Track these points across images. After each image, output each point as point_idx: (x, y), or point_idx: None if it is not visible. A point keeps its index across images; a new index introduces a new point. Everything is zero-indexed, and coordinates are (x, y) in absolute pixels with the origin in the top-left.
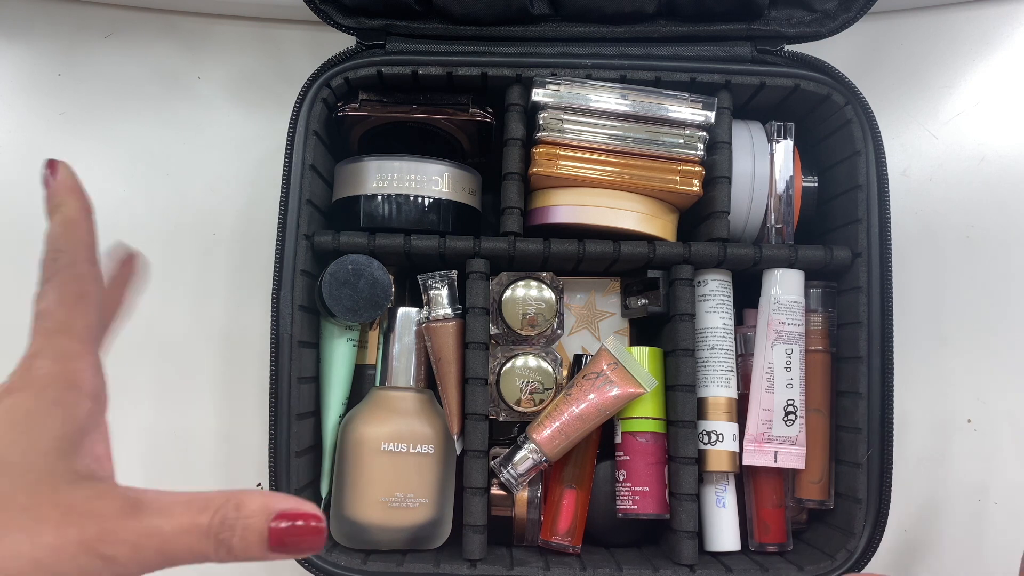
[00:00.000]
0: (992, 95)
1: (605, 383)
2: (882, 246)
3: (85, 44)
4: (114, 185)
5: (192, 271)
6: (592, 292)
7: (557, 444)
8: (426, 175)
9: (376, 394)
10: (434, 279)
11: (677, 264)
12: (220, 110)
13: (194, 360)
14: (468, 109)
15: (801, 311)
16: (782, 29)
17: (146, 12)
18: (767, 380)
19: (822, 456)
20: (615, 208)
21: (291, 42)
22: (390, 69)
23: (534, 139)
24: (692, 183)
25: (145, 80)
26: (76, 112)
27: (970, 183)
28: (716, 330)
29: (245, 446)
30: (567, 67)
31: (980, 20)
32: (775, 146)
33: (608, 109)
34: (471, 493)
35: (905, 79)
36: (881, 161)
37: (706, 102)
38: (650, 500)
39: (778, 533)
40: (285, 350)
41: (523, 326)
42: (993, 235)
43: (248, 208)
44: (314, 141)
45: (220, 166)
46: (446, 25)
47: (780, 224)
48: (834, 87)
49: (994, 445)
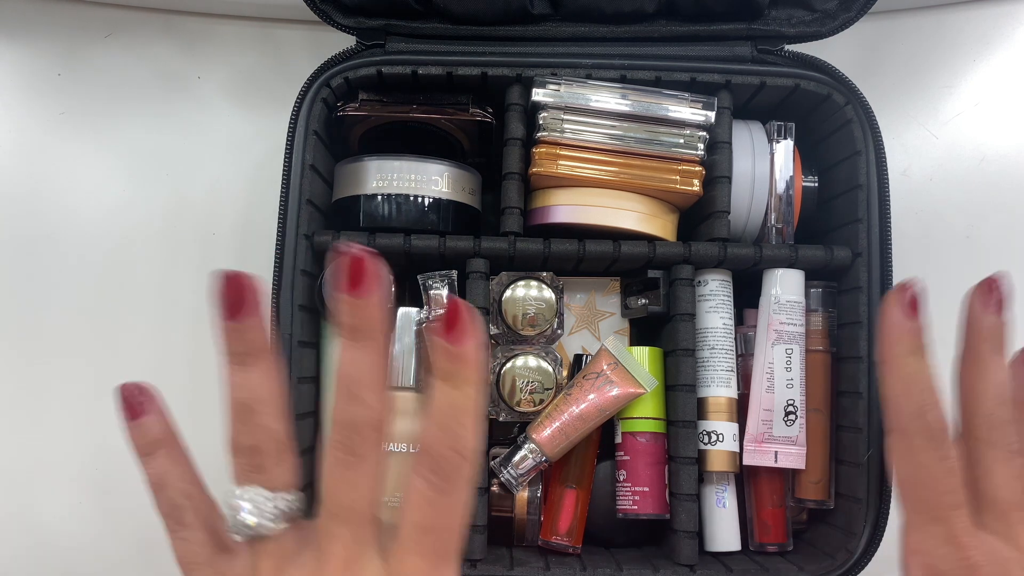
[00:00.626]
0: (992, 95)
1: (605, 383)
2: (882, 246)
3: (85, 44)
4: (114, 185)
5: (192, 271)
6: (592, 292)
7: (557, 444)
8: (426, 175)
9: None
10: (434, 279)
11: (677, 264)
12: (220, 110)
13: (194, 360)
14: (468, 109)
15: (801, 311)
16: (782, 29)
17: (146, 12)
18: (767, 380)
19: (822, 456)
20: (615, 208)
21: (291, 42)
22: (390, 69)
23: (534, 139)
24: (692, 183)
25: (145, 80)
26: (76, 112)
27: (970, 183)
28: (716, 330)
29: None
30: (567, 67)
31: (980, 20)
32: (775, 146)
33: (608, 109)
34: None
35: (905, 79)
36: (881, 161)
37: (706, 102)
38: (650, 500)
39: (778, 533)
40: (285, 350)
41: (523, 326)
42: (993, 235)
43: (248, 208)
44: (314, 141)
45: (220, 166)
46: (446, 25)
47: (780, 224)
48: (834, 87)
49: None
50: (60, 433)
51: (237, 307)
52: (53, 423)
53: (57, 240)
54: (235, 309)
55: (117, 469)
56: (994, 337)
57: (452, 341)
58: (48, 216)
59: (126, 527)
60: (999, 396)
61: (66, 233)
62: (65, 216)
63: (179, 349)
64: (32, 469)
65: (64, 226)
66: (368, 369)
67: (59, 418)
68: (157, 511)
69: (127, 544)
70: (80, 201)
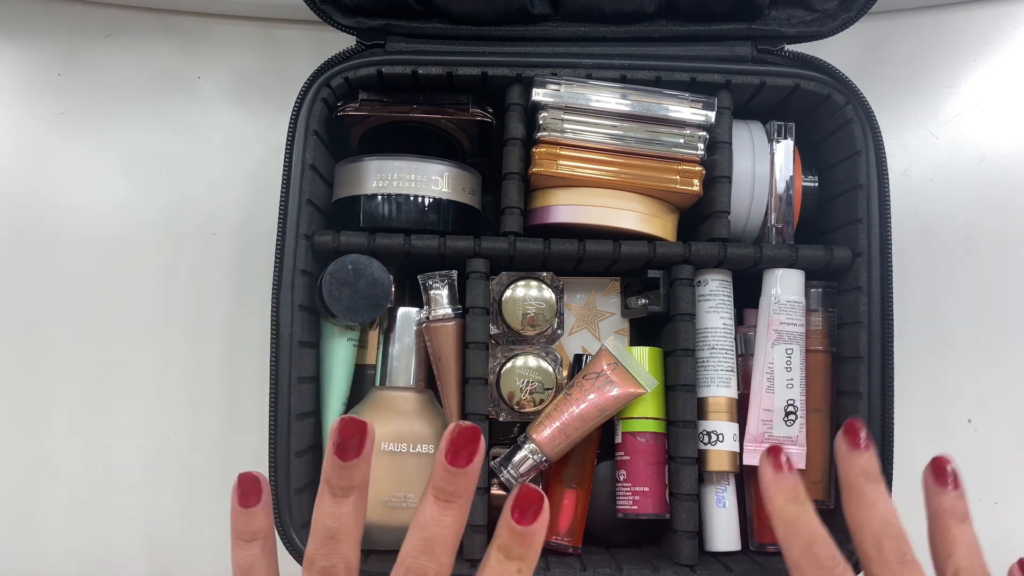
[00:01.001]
0: (992, 95)
1: (605, 383)
2: (882, 246)
3: (85, 44)
4: (114, 185)
5: (192, 271)
6: (592, 292)
7: (557, 444)
8: (426, 175)
9: (376, 394)
10: (434, 279)
11: (677, 264)
12: (220, 110)
13: (194, 360)
14: (468, 109)
15: (801, 311)
16: (782, 29)
17: (146, 12)
18: (767, 380)
19: (822, 456)
20: (615, 208)
21: (291, 42)
22: (390, 69)
23: (534, 139)
24: (692, 183)
25: (145, 80)
26: (76, 112)
27: (970, 183)
28: (716, 330)
29: (245, 446)
30: (567, 67)
31: (980, 20)
32: (775, 146)
33: (608, 109)
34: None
35: (905, 79)
36: (881, 161)
37: (706, 102)
38: (650, 500)
39: None
40: (285, 350)
41: (523, 326)
42: (993, 235)
43: (248, 208)
44: (314, 141)
45: (220, 166)
46: (446, 25)
47: (780, 224)
48: (834, 87)
49: (994, 445)
50: (60, 433)
51: (350, 450)
52: (53, 422)
53: (57, 240)
54: (347, 452)
55: (117, 469)
56: (869, 472)
57: (520, 521)
58: (48, 216)
59: (126, 527)
60: (885, 517)
61: (66, 233)
62: (65, 216)
63: (179, 349)
64: (32, 469)
65: (64, 226)
66: (449, 530)
67: (59, 417)
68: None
69: (127, 544)
70: (80, 201)
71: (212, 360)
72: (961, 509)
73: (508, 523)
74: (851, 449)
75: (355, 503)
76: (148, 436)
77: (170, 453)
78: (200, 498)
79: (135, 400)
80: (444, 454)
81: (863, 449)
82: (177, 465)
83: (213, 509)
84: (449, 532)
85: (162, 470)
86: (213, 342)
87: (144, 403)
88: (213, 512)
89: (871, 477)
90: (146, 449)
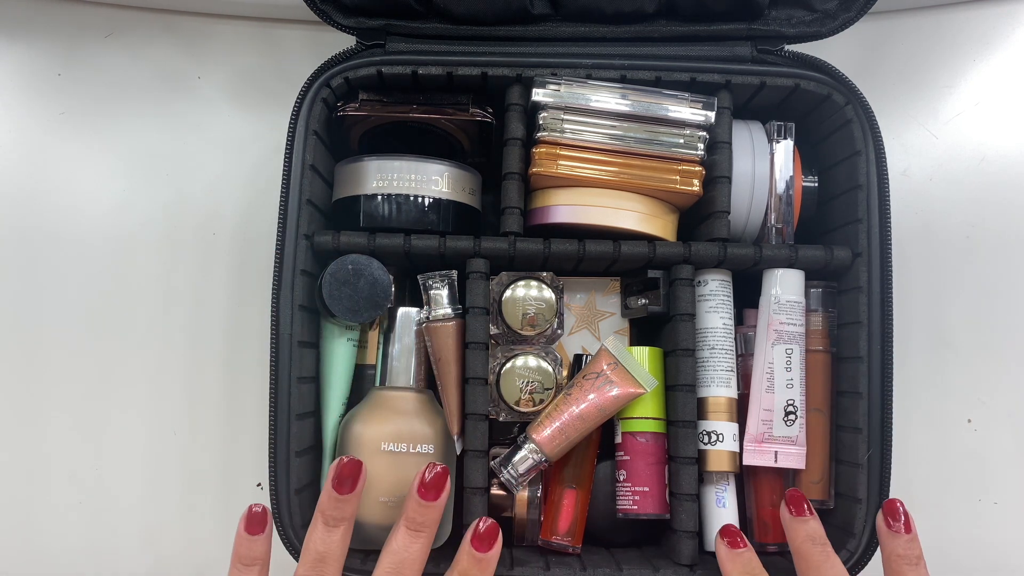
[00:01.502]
0: (992, 95)
1: (605, 383)
2: (882, 246)
3: (85, 44)
4: (114, 185)
5: (192, 271)
6: (592, 292)
7: (557, 444)
8: (426, 175)
9: (376, 394)
10: (434, 279)
11: (677, 264)
12: (220, 110)
13: (194, 360)
14: (468, 109)
15: (801, 311)
16: (782, 29)
17: (146, 12)
18: (767, 380)
19: (822, 456)
20: (615, 208)
21: (291, 42)
22: (390, 69)
23: (534, 139)
24: (692, 183)
25: (145, 80)
26: (76, 112)
27: (970, 183)
28: (716, 330)
29: (245, 446)
30: (567, 67)
31: (980, 20)
32: (775, 146)
33: (608, 109)
34: (471, 493)
35: (905, 79)
36: (881, 161)
37: (706, 102)
38: (650, 500)
39: (778, 533)
40: (285, 350)
41: (523, 326)
42: (993, 235)
43: (248, 208)
44: (314, 141)
45: (220, 166)
46: (446, 25)
47: (780, 224)
48: (834, 87)
49: (994, 445)
50: (60, 432)
51: (346, 485)
52: (53, 422)
53: (57, 240)
54: (344, 486)
55: (117, 469)
56: (815, 537)
57: (481, 547)
58: (48, 216)
59: (126, 527)
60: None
61: (66, 233)
62: (65, 216)
63: (179, 348)
64: (32, 469)
65: (64, 226)
66: (417, 556)
67: (59, 417)
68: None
69: (127, 544)
70: (80, 201)
71: (212, 360)
72: (914, 553)
73: (468, 551)
74: (799, 516)
75: (343, 533)
76: (148, 436)
77: (170, 453)
78: (200, 498)
79: (135, 400)
80: (416, 490)
81: (808, 515)
82: (177, 465)
83: (213, 509)
84: (417, 558)
85: (162, 470)
86: (213, 342)
87: (144, 403)
88: (213, 512)
89: (819, 540)
90: (146, 449)
